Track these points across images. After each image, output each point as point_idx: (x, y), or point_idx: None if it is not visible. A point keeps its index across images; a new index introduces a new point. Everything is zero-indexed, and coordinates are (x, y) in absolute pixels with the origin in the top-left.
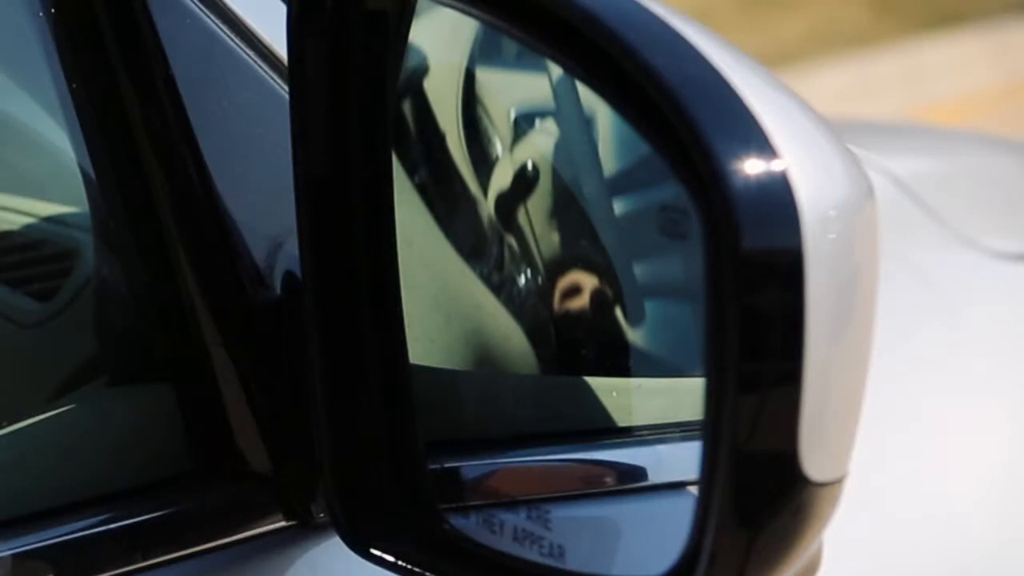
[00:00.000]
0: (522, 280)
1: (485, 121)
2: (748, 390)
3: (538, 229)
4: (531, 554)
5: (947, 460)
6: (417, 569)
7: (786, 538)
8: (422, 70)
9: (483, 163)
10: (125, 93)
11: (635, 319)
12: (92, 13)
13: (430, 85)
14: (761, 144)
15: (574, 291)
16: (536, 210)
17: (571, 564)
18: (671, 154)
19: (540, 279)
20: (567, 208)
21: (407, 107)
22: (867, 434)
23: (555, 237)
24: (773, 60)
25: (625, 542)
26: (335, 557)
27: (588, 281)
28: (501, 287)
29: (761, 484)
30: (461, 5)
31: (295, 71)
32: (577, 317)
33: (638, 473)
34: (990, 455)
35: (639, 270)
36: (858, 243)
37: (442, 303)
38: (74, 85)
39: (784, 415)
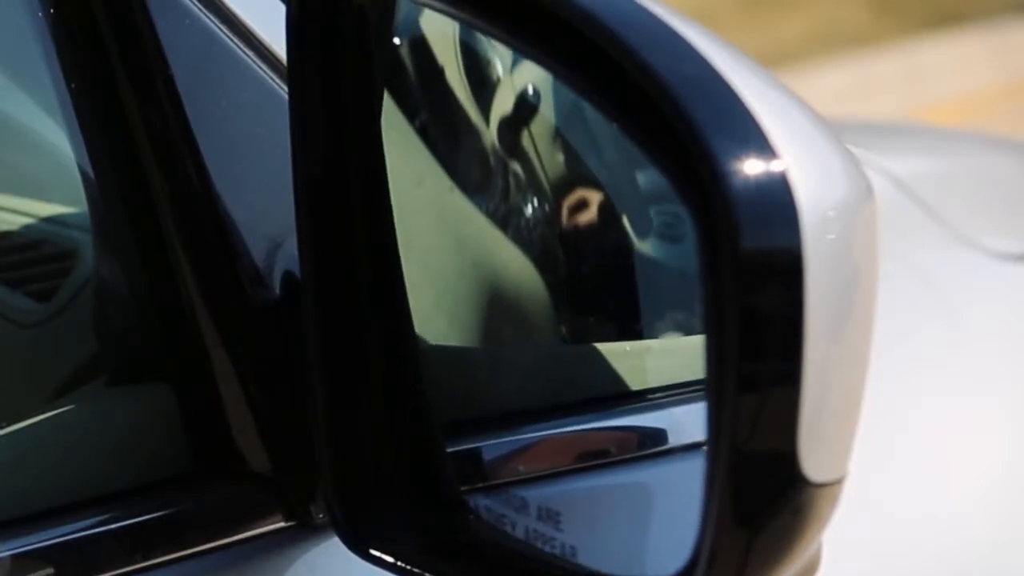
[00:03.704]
0: (529, 209)
1: (485, 46)
2: (748, 390)
3: (543, 152)
4: (533, 553)
5: (947, 460)
6: (416, 570)
7: (786, 538)
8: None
9: (484, 91)
10: (125, 93)
11: (642, 231)
12: (92, 13)
13: (426, 20)
14: (760, 144)
15: (580, 206)
16: (540, 134)
17: (579, 562)
18: (670, 154)
19: (547, 206)
20: (570, 129)
21: (404, 48)
22: (867, 434)
23: (559, 158)
24: (773, 60)
25: (635, 535)
26: (335, 558)
27: (594, 196)
28: (508, 218)
29: (761, 484)
30: (451, 9)
31: (294, 71)
32: (585, 232)
33: (659, 436)
34: (990, 455)
35: (642, 180)
36: (858, 243)
37: (451, 264)
38: (74, 85)
39: (783, 415)
